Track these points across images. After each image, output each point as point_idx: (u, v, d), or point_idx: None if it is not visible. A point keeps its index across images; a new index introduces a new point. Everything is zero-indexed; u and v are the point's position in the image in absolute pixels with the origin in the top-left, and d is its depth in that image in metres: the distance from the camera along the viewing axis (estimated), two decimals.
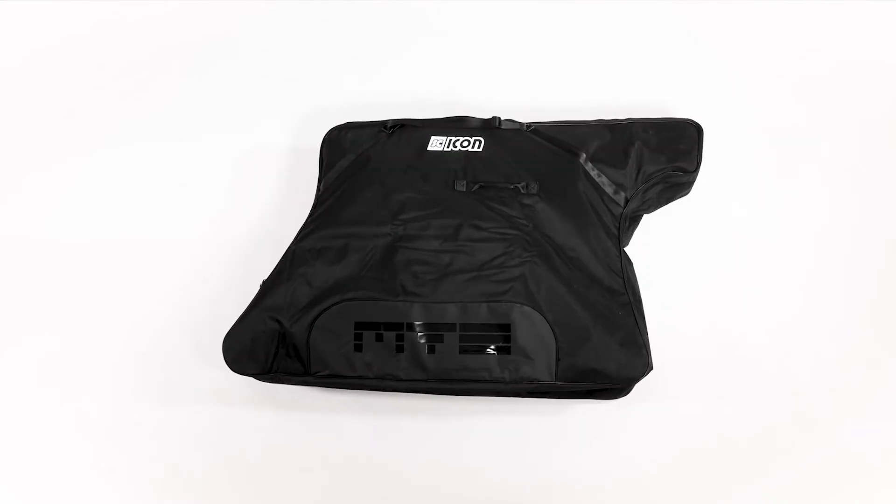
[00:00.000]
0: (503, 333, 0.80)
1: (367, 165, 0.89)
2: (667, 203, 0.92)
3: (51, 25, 1.12)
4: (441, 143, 0.89)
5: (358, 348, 0.81)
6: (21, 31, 1.12)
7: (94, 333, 0.95)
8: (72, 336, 0.95)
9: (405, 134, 0.90)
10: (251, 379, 0.86)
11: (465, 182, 0.87)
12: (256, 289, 0.85)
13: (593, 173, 0.86)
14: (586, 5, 1.07)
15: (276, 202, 0.99)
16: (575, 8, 1.07)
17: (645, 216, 0.92)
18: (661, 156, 0.88)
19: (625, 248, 0.87)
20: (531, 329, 0.80)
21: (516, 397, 0.87)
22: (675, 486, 0.85)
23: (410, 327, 0.80)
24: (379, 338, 0.81)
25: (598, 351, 0.79)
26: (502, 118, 0.90)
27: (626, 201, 0.86)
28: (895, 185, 0.95)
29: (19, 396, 0.93)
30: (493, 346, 0.80)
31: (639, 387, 0.82)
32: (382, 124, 0.92)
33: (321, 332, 0.82)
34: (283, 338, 0.83)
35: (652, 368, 0.79)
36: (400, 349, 0.80)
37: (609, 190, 0.86)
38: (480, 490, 0.86)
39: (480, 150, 0.88)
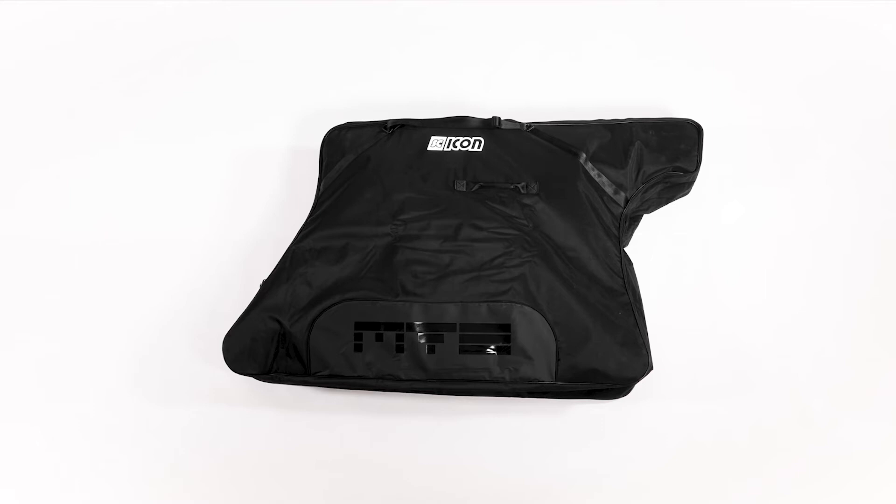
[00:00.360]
0: (503, 333, 0.80)
1: (367, 165, 0.89)
2: (667, 203, 0.92)
3: (51, 26, 1.12)
4: (441, 143, 0.89)
5: (358, 348, 0.81)
6: (21, 31, 1.12)
7: (95, 333, 0.95)
8: (72, 336, 0.95)
9: (405, 134, 0.90)
10: (251, 379, 0.86)
11: (465, 182, 0.87)
12: (256, 289, 0.85)
13: (593, 173, 0.86)
14: (586, 5, 1.07)
15: (276, 202, 0.99)
16: (575, 8, 1.07)
17: (645, 216, 0.92)
18: (661, 156, 0.88)
19: (625, 248, 0.87)
20: (531, 329, 0.80)
21: (516, 397, 0.87)
22: (674, 486, 0.85)
23: (410, 327, 0.80)
24: (379, 338, 0.81)
25: (598, 351, 0.79)
26: (502, 118, 0.90)
27: (626, 201, 0.86)
28: (895, 184, 0.95)
29: (19, 396, 0.93)
30: (493, 346, 0.80)
31: (639, 387, 0.82)
32: (382, 124, 0.92)
33: (321, 332, 0.82)
34: (283, 338, 0.83)
35: (652, 368, 0.79)
36: (400, 349, 0.80)
37: (609, 190, 0.86)
38: (480, 490, 0.86)
39: (480, 150, 0.88)
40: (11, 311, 0.97)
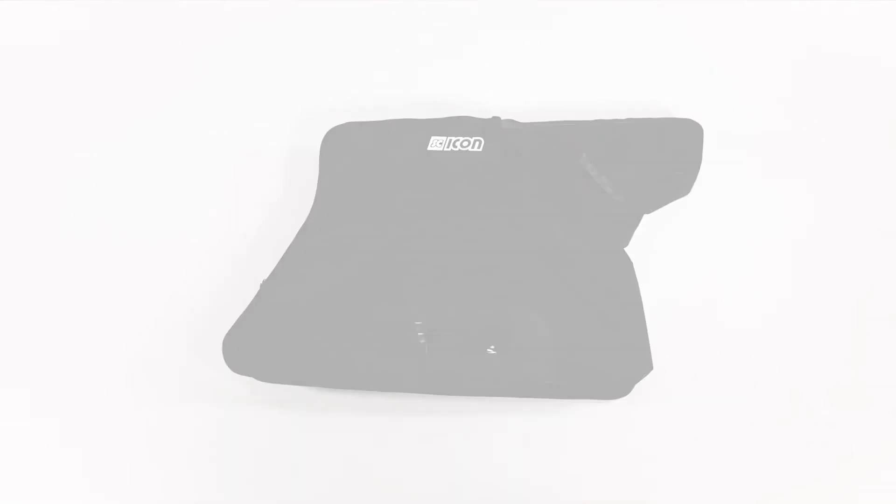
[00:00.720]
0: (503, 333, 0.80)
1: (366, 165, 0.89)
2: (667, 203, 0.92)
3: (51, 25, 1.12)
4: (441, 143, 0.89)
5: (358, 348, 0.81)
6: (21, 31, 1.12)
7: (94, 333, 0.95)
8: (71, 335, 0.95)
9: (405, 134, 0.90)
10: (251, 379, 0.86)
11: (465, 182, 0.87)
12: (256, 289, 0.86)
13: (593, 173, 0.86)
14: (586, 5, 1.07)
15: (276, 202, 0.99)
16: (575, 8, 1.07)
17: (645, 216, 0.92)
18: (661, 156, 0.88)
19: (625, 248, 0.87)
20: (531, 329, 0.80)
21: (516, 397, 0.87)
22: (674, 486, 0.85)
23: (410, 327, 0.80)
24: (379, 338, 0.81)
25: (598, 351, 0.79)
26: (502, 118, 0.90)
27: (626, 201, 0.86)
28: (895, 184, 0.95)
29: (18, 396, 0.93)
30: (493, 346, 0.80)
31: (639, 387, 0.82)
32: (382, 124, 0.92)
33: (321, 332, 0.82)
34: (283, 338, 0.83)
35: (652, 368, 0.79)
36: (400, 349, 0.80)
37: (609, 190, 0.86)
38: (480, 490, 0.86)
39: (480, 150, 0.88)
40: (11, 311, 0.97)
